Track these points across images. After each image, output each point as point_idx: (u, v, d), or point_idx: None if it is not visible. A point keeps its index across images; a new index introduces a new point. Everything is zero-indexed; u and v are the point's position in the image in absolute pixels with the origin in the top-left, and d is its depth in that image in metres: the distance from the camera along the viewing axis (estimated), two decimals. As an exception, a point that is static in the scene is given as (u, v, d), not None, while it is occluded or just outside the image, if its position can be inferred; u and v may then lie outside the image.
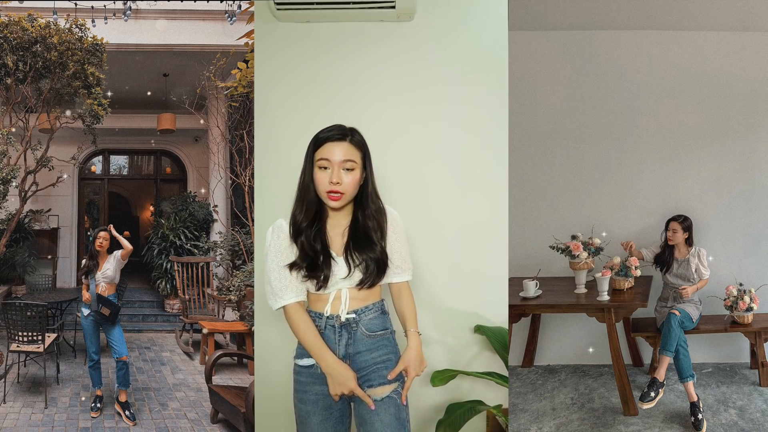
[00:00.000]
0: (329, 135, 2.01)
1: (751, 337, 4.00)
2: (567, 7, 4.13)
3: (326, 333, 2.07)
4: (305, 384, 2.10)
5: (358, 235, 2.05)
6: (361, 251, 2.04)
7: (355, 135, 2.03)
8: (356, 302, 2.08)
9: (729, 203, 4.35)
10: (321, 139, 2.01)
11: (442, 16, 2.75)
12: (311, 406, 2.08)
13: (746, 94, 4.31)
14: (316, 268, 2.02)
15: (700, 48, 4.33)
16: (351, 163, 1.98)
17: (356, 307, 2.08)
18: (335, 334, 2.07)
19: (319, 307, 2.09)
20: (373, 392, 2.05)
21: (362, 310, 2.09)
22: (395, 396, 2.07)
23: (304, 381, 2.10)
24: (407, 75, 2.75)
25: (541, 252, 4.11)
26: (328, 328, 2.08)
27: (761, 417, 3.63)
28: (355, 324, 2.08)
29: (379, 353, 2.10)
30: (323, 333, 2.07)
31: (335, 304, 2.07)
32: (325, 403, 2.07)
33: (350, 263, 2.03)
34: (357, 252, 2.03)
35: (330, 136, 2.00)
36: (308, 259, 2.02)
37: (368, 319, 2.10)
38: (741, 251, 4.33)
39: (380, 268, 2.05)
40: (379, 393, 2.06)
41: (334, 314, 2.07)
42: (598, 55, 4.40)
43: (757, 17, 4.11)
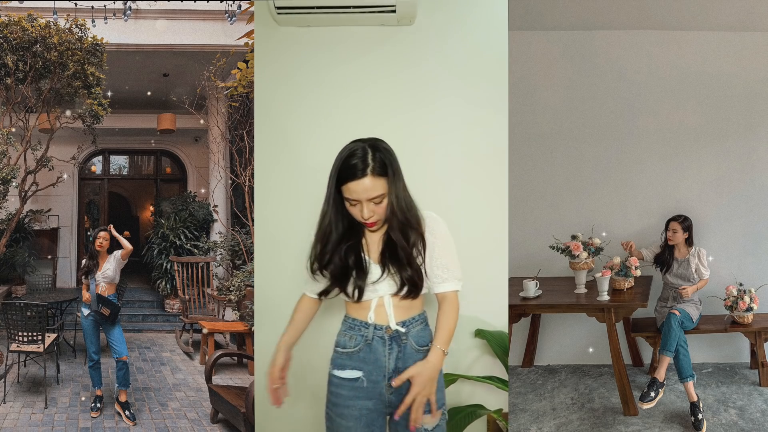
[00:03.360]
0: (350, 173, 1.86)
1: (751, 337, 4.00)
2: (567, 7, 4.13)
3: (374, 345, 1.97)
4: (347, 398, 1.98)
5: (395, 245, 1.95)
6: (399, 264, 1.94)
7: (376, 160, 1.87)
8: (401, 311, 1.98)
9: (729, 203, 4.35)
10: (342, 178, 1.88)
11: (442, 18, 2.75)
12: (353, 422, 1.97)
13: (746, 94, 4.31)
14: (347, 280, 1.96)
15: (700, 48, 4.33)
16: (378, 198, 1.88)
17: (403, 317, 1.98)
18: (385, 346, 1.97)
19: (362, 315, 1.99)
20: (424, 419, 1.93)
21: (410, 322, 1.99)
22: (442, 423, 2.00)
23: (347, 395, 1.99)
24: (408, 78, 2.75)
25: (541, 252, 4.11)
26: (376, 340, 1.97)
27: (761, 417, 3.63)
28: (405, 336, 1.98)
29: None
30: (371, 344, 1.97)
31: (379, 312, 1.97)
32: (368, 419, 1.97)
33: (386, 271, 1.94)
34: (395, 263, 1.94)
35: (351, 174, 1.85)
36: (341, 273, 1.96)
37: (416, 332, 2.00)
38: (741, 251, 4.33)
39: (414, 285, 1.94)
40: (430, 422, 1.96)
41: (381, 324, 1.97)
42: (598, 55, 4.40)
43: (757, 17, 4.11)
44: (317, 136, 2.80)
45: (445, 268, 2.00)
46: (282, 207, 2.85)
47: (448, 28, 2.76)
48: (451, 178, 2.77)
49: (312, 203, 2.81)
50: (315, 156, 2.80)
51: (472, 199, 2.77)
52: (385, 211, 1.91)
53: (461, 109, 2.76)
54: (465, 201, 2.77)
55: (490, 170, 2.76)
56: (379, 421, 2.00)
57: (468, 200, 2.77)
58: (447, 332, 1.98)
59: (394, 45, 2.77)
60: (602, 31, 4.36)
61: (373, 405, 1.99)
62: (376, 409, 2.00)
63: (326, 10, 2.64)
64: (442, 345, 1.96)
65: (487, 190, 2.75)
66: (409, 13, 2.67)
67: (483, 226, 2.77)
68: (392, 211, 1.91)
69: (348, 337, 2.02)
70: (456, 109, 2.76)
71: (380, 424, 2.00)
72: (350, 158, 1.87)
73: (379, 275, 1.95)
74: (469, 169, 2.77)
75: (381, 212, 1.91)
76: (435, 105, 2.76)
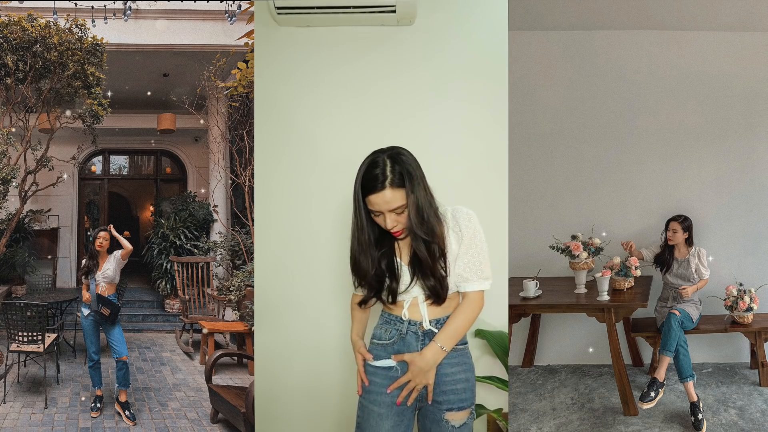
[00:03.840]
0: (370, 185, 1.91)
1: (751, 337, 4.00)
2: (567, 7, 4.13)
3: (408, 338, 2.04)
4: (381, 386, 2.05)
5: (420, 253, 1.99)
6: (424, 272, 1.99)
7: (395, 172, 1.91)
8: (435, 310, 2.03)
9: (729, 203, 4.35)
10: (365, 189, 1.94)
11: (442, 18, 2.76)
12: (386, 409, 2.03)
13: (746, 94, 4.31)
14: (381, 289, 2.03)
15: (700, 48, 4.33)
16: (399, 208, 1.93)
17: (437, 315, 2.04)
18: (418, 341, 2.03)
19: (397, 311, 2.06)
20: (452, 416, 2.02)
21: (444, 320, 2.03)
22: (470, 422, 2.06)
23: (381, 383, 2.06)
24: (407, 78, 2.76)
25: (541, 252, 4.11)
26: (410, 334, 2.04)
27: (761, 417, 3.63)
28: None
29: (457, 369, 2.05)
30: (404, 338, 2.04)
31: (412, 310, 2.04)
32: (399, 408, 2.03)
33: (415, 277, 2.00)
34: (419, 269, 2.00)
35: (371, 187, 1.91)
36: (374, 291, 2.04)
37: None
38: (741, 251, 4.33)
39: (436, 295, 2.00)
40: (458, 419, 2.03)
41: (415, 320, 2.03)
42: (598, 55, 4.40)
43: (757, 17, 4.11)
44: (317, 136, 2.81)
45: (470, 267, 2.02)
46: (282, 207, 2.85)
47: (448, 28, 2.76)
48: (451, 178, 2.76)
49: (312, 203, 2.83)
50: (315, 155, 2.82)
51: (472, 199, 2.75)
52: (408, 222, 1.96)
53: (461, 109, 2.76)
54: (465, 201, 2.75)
55: (490, 170, 2.76)
56: (409, 412, 2.06)
57: (468, 200, 2.75)
58: (453, 329, 2.00)
59: (394, 45, 2.77)
60: (602, 31, 4.37)
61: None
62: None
63: (326, 10, 2.64)
64: (442, 342, 1.99)
65: (487, 190, 2.76)
66: (409, 13, 2.67)
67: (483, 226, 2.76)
68: (411, 223, 1.95)
69: (384, 330, 2.09)
70: (456, 109, 2.76)
71: (409, 413, 2.06)
72: (370, 170, 1.92)
73: (409, 281, 2.01)
74: (469, 168, 2.77)
75: (404, 221, 1.96)
76: (435, 105, 2.76)
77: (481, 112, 2.76)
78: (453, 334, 2.00)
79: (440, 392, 2.02)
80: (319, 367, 2.89)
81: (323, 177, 2.79)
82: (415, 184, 1.92)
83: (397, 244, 2.05)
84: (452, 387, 2.03)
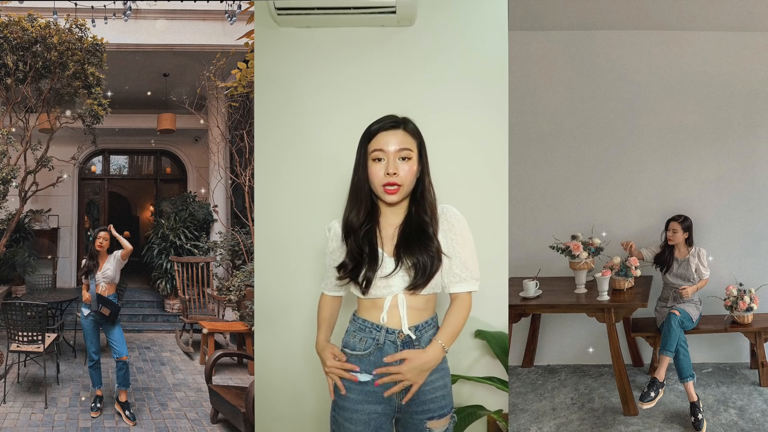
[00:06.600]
0: (382, 125, 1.89)
1: (751, 337, 4.00)
2: (567, 7, 4.13)
3: (386, 349, 1.91)
4: (356, 402, 1.93)
5: (411, 233, 1.91)
6: (413, 251, 1.88)
7: (408, 124, 1.92)
8: (414, 314, 1.92)
9: (729, 203, 4.35)
10: (373, 131, 1.89)
11: (442, 19, 2.75)
12: (362, 427, 1.91)
13: (746, 94, 4.32)
14: (360, 269, 1.90)
15: (700, 48, 4.33)
16: (407, 152, 1.87)
17: (416, 321, 1.92)
18: (396, 350, 1.92)
19: (374, 317, 1.93)
20: (434, 425, 1.94)
21: (422, 326, 1.93)
22: (450, 427, 1.99)
23: (355, 399, 1.93)
24: (407, 78, 2.76)
25: (541, 252, 4.11)
26: (387, 344, 1.92)
27: (761, 417, 3.63)
28: (418, 342, 1.92)
29: (437, 376, 1.96)
30: (382, 347, 1.92)
31: (392, 314, 1.91)
32: (376, 424, 1.92)
33: (400, 264, 1.88)
34: (409, 252, 1.88)
35: (383, 125, 1.89)
36: (354, 261, 1.91)
37: (428, 337, 1.94)
38: (741, 251, 4.34)
39: (434, 267, 1.89)
40: (440, 426, 1.95)
41: (394, 328, 1.91)
42: (598, 55, 4.40)
43: (757, 17, 4.11)
44: (317, 136, 2.81)
45: (464, 266, 1.95)
46: (282, 207, 2.85)
47: (448, 29, 2.76)
48: (451, 178, 2.76)
49: (312, 203, 2.83)
50: (315, 155, 2.82)
51: (473, 199, 2.76)
52: (413, 177, 1.90)
53: (461, 109, 2.76)
54: (465, 201, 2.75)
55: (490, 170, 2.76)
56: (387, 425, 1.95)
57: (468, 200, 2.76)
58: (452, 329, 1.94)
59: (394, 46, 2.77)
60: (602, 31, 4.37)
61: (382, 409, 1.94)
62: (385, 413, 1.95)
63: (326, 11, 2.64)
64: (444, 341, 1.92)
65: (488, 189, 2.76)
66: (409, 13, 2.67)
67: (483, 227, 2.76)
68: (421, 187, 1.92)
69: (358, 339, 1.96)
70: (456, 110, 2.76)
71: (388, 428, 1.96)
72: (381, 119, 1.92)
73: (392, 268, 1.89)
74: (469, 168, 2.77)
75: (405, 177, 1.87)
76: (435, 105, 2.75)
77: (481, 111, 2.75)
78: (452, 334, 1.94)
79: (421, 401, 1.94)
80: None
81: (323, 177, 2.79)
82: (425, 155, 1.95)
83: (379, 234, 1.94)
84: (433, 395, 1.95)
